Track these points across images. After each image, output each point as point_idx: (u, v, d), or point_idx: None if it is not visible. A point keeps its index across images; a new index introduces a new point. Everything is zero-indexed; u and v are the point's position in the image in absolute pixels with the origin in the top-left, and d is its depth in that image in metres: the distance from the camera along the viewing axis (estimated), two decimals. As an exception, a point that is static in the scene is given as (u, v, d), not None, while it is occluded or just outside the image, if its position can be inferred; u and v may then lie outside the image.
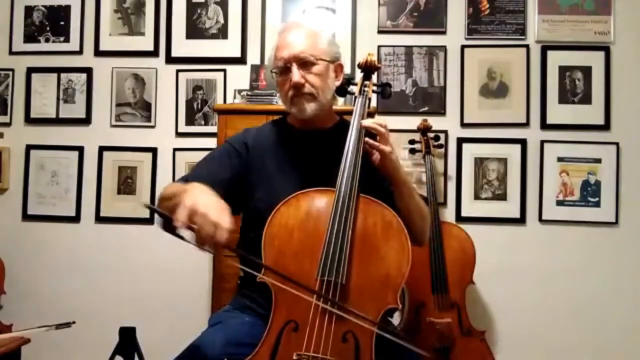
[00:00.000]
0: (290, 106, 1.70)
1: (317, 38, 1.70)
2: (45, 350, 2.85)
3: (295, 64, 1.64)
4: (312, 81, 1.66)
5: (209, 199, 1.31)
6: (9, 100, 3.25)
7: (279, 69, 1.68)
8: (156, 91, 3.19)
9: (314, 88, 1.66)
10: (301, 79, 1.64)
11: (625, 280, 2.94)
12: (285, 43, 1.68)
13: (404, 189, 1.62)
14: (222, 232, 1.23)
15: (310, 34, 1.70)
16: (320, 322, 1.39)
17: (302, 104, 1.66)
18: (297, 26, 1.74)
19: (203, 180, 1.46)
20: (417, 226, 1.65)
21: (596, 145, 2.99)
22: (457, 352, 2.54)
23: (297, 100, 1.67)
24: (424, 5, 3.09)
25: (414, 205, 1.64)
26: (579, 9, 3.03)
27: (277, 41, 1.72)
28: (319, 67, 1.67)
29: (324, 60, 1.68)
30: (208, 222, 1.23)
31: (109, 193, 3.19)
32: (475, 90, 3.05)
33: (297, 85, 1.64)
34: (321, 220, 1.49)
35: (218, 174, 1.65)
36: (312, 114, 1.68)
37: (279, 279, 1.43)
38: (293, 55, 1.65)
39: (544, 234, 2.99)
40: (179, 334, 1.90)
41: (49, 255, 3.18)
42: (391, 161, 1.58)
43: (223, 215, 1.26)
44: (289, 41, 1.67)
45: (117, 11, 3.22)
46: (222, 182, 1.60)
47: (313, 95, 1.66)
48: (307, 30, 1.71)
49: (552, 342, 2.93)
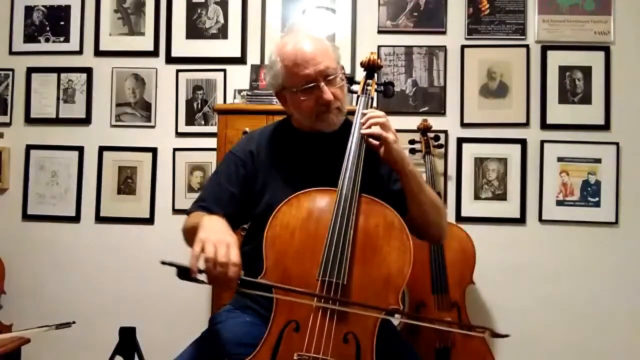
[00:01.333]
0: (315, 122, 1.65)
1: (328, 47, 1.66)
2: (45, 350, 2.85)
3: (323, 80, 1.60)
4: (339, 96, 1.63)
5: (216, 237, 1.34)
6: (9, 100, 3.25)
7: (303, 87, 1.61)
8: (156, 91, 3.19)
9: (340, 102, 1.64)
10: (332, 96, 1.61)
11: (625, 280, 2.93)
12: (305, 58, 1.60)
13: (412, 181, 1.59)
14: (230, 270, 1.30)
15: (323, 45, 1.65)
16: (321, 322, 1.39)
17: (331, 119, 1.64)
18: (308, 37, 1.66)
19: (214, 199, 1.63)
20: (432, 221, 1.63)
21: (596, 145, 2.99)
22: (457, 352, 2.54)
23: (325, 116, 1.64)
24: (424, 5, 3.09)
25: (425, 199, 1.61)
26: (579, 9, 3.03)
27: (287, 55, 1.62)
28: (340, 79, 1.64)
29: (340, 71, 1.66)
30: (217, 264, 1.30)
31: (109, 193, 3.19)
32: (475, 90, 3.05)
33: (330, 103, 1.61)
34: (322, 221, 1.49)
35: (227, 189, 1.68)
36: (338, 126, 1.67)
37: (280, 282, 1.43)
38: (319, 71, 1.59)
39: (544, 234, 2.99)
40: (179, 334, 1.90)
41: (49, 255, 3.18)
42: (396, 150, 1.56)
43: (230, 253, 1.31)
44: (310, 57, 1.60)
45: (117, 11, 3.22)
46: (233, 198, 1.66)
47: (340, 109, 1.65)
48: (317, 41, 1.66)
49: (552, 342, 2.93)
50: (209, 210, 1.61)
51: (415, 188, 1.60)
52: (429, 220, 1.62)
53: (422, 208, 1.60)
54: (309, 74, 1.59)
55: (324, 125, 1.65)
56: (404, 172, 1.59)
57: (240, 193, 1.68)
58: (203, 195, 1.74)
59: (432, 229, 1.65)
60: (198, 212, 1.62)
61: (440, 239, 1.72)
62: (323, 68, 1.60)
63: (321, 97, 1.60)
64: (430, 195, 1.64)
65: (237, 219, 1.74)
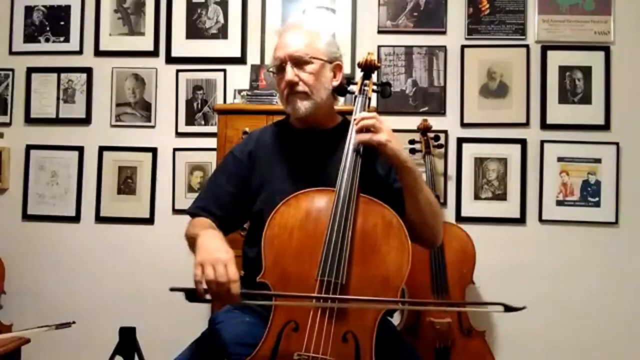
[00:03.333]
0: (286, 105, 1.72)
1: (315, 37, 1.71)
2: (45, 350, 2.85)
3: (290, 62, 1.66)
4: (305, 79, 1.66)
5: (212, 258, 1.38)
6: (9, 100, 3.25)
7: (275, 68, 1.71)
8: (156, 91, 3.19)
9: (307, 86, 1.66)
10: (294, 77, 1.65)
11: (625, 280, 2.93)
12: (282, 43, 1.70)
13: (409, 178, 1.58)
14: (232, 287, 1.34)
15: (307, 34, 1.71)
16: (320, 322, 1.39)
17: (295, 102, 1.67)
18: (295, 26, 1.76)
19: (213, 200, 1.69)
20: (428, 222, 1.62)
21: (596, 145, 2.99)
22: (457, 352, 2.53)
23: (291, 98, 1.68)
24: (424, 5, 3.09)
25: (422, 198, 1.60)
26: (579, 9, 3.03)
27: (277, 39, 1.74)
28: (313, 66, 1.67)
29: (319, 59, 1.67)
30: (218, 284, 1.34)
31: (109, 193, 3.19)
32: (475, 90, 3.05)
33: (291, 84, 1.66)
34: (321, 221, 1.49)
35: (226, 190, 1.71)
36: (305, 113, 1.67)
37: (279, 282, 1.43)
38: (288, 54, 1.66)
39: (544, 234, 2.99)
40: (179, 334, 1.90)
41: (49, 255, 3.18)
42: (391, 149, 1.54)
43: (228, 271, 1.35)
44: (286, 41, 1.69)
45: (117, 11, 3.22)
46: (232, 198, 1.70)
47: (306, 94, 1.66)
48: (305, 31, 1.72)
49: (552, 342, 2.93)
50: (208, 211, 1.67)
51: (413, 185, 1.59)
52: (424, 221, 1.61)
53: (418, 207, 1.59)
54: (279, 56, 1.68)
55: (290, 108, 1.70)
56: (401, 169, 1.58)
57: (239, 193, 1.71)
58: (203, 195, 1.77)
59: (426, 230, 1.63)
60: (199, 220, 1.66)
61: (434, 243, 1.70)
62: (291, 51, 1.66)
63: (283, 78, 1.67)
64: (428, 196, 1.63)
65: (237, 220, 1.76)
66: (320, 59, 1.68)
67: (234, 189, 1.71)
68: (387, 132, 1.55)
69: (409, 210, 1.60)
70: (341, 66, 1.76)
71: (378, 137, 1.53)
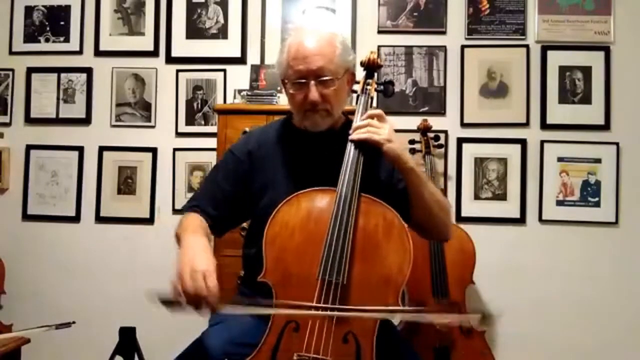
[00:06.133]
0: (302, 120, 1.66)
1: (334, 49, 1.62)
2: (45, 350, 2.85)
3: (314, 80, 1.59)
4: (328, 98, 1.61)
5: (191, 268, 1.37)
6: (9, 100, 3.25)
7: (292, 79, 1.62)
8: (156, 91, 3.19)
9: (330, 104, 1.62)
10: (319, 98, 1.60)
11: (625, 280, 2.93)
12: (302, 54, 1.60)
13: (413, 177, 1.58)
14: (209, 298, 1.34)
15: (327, 45, 1.62)
16: (320, 322, 1.39)
17: (316, 119, 1.64)
18: (313, 34, 1.66)
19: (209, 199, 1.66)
20: (437, 218, 1.62)
21: (596, 145, 2.99)
22: (457, 352, 2.53)
23: (311, 115, 1.63)
24: (424, 5, 3.09)
25: (428, 195, 1.60)
26: (579, 9, 3.03)
27: (291, 47, 1.63)
28: (336, 83, 1.62)
29: (340, 78, 1.63)
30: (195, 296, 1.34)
31: (109, 193, 3.19)
32: (475, 90, 3.05)
33: (315, 103, 1.61)
34: (322, 220, 1.49)
35: (223, 188, 1.69)
36: (324, 128, 1.66)
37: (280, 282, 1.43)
38: (312, 71, 1.59)
39: (544, 234, 2.99)
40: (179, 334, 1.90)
41: (49, 255, 3.18)
42: (391, 149, 1.54)
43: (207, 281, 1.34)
44: (306, 53, 1.60)
45: (117, 11, 3.22)
46: (228, 197, 1.68)
47: (328, 112, 1.63)
48: (323, 40, 1.63)
49: (552, 342, 2.93)
50: (202, 210, 1.64)
51: (417, 184, 1.59)
52: (433, 216, 1.61)
53: (425, 205, 1.59)
54: (301, 70, 1.60)
55: (308, 123, 1.66)
56: (404, 169, 1.58)
57: (236, 192, 1.69)
58: (198, 193, 1.76)
59: (436, 226, 1.64)
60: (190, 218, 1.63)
61: (445, 237, 1.71)
62: (315, 68, 1.59)
63: (307, 96, 1.60)
64: (434, 192, 1.63)
65: (232, 220, 1.74)
66: (342, 76, 1.64)
67: (231, 188, 1.69)
68: (389, 132, 1.56)
69: (416, 209, 1.60)
70: (354, 73, 1.73)
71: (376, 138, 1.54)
